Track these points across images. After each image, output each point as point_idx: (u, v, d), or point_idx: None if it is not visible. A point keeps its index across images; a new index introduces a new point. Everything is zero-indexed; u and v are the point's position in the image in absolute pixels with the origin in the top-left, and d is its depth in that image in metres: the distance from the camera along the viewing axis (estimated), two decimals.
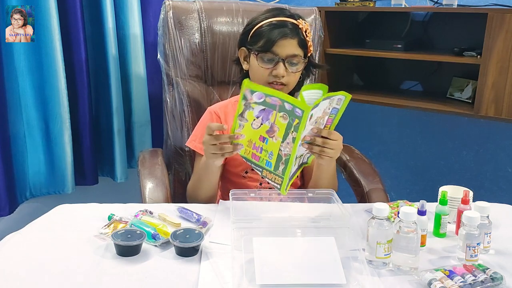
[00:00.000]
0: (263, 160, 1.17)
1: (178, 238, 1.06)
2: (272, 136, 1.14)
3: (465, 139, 2.27)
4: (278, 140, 1.13)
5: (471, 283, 0.95)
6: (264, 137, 1.15)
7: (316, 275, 0.96)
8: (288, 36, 1.36)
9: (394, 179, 2.42)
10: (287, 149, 1.12)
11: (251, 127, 1.16)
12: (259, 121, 1.14)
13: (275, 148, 1.14)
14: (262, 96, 1.11)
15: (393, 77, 2.37)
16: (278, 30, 1.36)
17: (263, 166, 1.18)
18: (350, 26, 2.30)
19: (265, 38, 1.37)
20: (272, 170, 1.17)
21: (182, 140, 1.69)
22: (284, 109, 1.10)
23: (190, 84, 1.70)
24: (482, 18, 1.77)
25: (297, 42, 1.38)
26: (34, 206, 1.96)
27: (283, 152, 1.13)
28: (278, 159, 1.14)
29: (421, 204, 1.09)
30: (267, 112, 1.13)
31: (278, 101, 1.10)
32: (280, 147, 1.13)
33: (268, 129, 1.14)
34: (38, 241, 1.11)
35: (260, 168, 1.19)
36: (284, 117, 1.10)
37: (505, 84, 1.78)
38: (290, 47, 1.37)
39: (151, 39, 2.09)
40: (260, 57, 1.37)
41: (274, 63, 1.37)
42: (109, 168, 2.12)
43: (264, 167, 1.18)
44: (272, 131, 1.13)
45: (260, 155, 1.17)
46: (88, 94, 1.97)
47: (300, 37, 1.38)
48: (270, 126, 1.13)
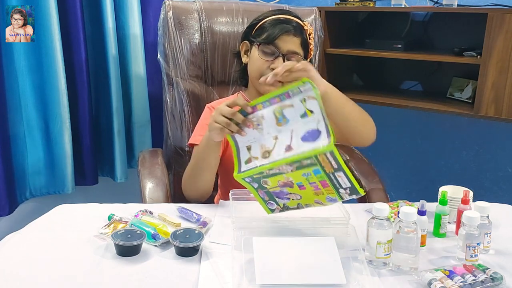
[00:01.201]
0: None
1: (178, 238, 1.06)
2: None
3: (465, 139, 2.27)
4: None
5: (471, 283, 0.95)
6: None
7: (316, 275, 0.96)
8: (291, 33, 1.38)
9: (394, 179, 2.42)
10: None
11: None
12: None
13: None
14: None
15: (393, 77, 2.37)
16: (283, 26, 1.38)
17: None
18: (350, 26, 2.30)
19: (269, 31, 1.38)
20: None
21: (182, 140, 1.69)
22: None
23: (190, 84, 1.70)
24: (482, 18, 1.77)
25: (299, 41, 1.39)
26: (34, 206, 1.96)
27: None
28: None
29: (421, 204, 1.09)
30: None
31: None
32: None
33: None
34: (38, 241, 1.11)
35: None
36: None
37: (505, 84, 1.78)
38: (292, 44, 1.38)
39: (151, 39, 2.10)
40: (261, 49, 1.38)
41: (274, 57, 1.37)
42: (109, 168, 2.12)
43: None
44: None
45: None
46: (88, 94, 1.97)
47: (303, 37, 1.40)
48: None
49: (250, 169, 1.08)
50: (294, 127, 1.06)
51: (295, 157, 1.00)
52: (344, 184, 1.01)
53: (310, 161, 0.99)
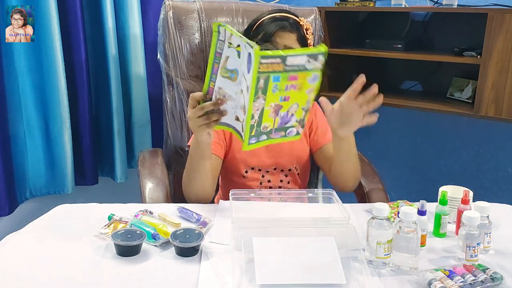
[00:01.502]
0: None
1: (178, 238, 1.06)
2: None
3: (465, 139, 2.27)
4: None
5: (471, 283, 0.95)
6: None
7: (316, 275, 0.96)
8: (287, 29, 1.38)
9: (394, 179, 2.42)
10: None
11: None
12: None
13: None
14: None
15: (393, 77, 2.37)
16: (278, 23, 1.40)
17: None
18: (350, 26, 2.30)
19: (266, 29, 1.40)
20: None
21: (182, 140, 1.70)
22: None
23: (190, 84, 1.70)
24: (482, 18, 1.77)
25: (296, 36, 1.39)
26: (34, 206, 1.96)
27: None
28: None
29: (421, 204, 1.09)
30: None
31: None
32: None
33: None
34: (38, 241, 1.11)
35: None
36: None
37: (505, 84, 1.78)
38: (288, 40, 1.38)
39: (151, 39, 2.09)
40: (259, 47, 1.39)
41: None
42: (109, 168, 2.12)
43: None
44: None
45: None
46: (88, 94, 1.97)
47: (300, 33, 1.40)
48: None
49: (245, 134, 1.08)
50: (242, 69, 1.05)
51: (252, 89, 1.00)
52: (303, 60, 1.02)
53: (262, 78, 0.99)
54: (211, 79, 1.11)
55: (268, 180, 1.48)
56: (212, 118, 1.13)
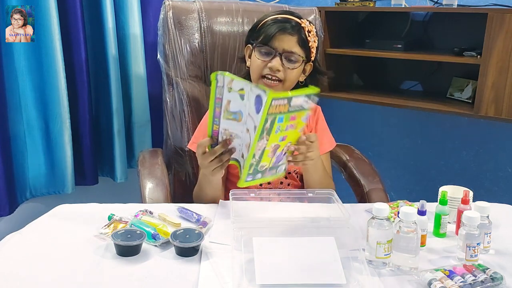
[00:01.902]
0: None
1: (178, 238, 1.06)
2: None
3: (465, 139, 2.27)
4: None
5: (471, 283, 0.95)
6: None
7: (316, 275, 0.96)
8: (287, 32, 1.38)
9: (394, 179, 2.42)
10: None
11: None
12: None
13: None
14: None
15: (393, 77, 2.37)
16: (279, 25, 1.39)
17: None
18: (350, 26, 2.30)
19: (266, 32, 1.39)
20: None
21: (182, 140, 1.70)
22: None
23: (190, 84, 1.70)
24: (482, 18, 1.77)
25: (296, 39, 1.39)
26: (34, 206, 1.96)
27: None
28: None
29: (421, 204, 1.09)
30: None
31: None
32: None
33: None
34: (38, 241, 1.11)
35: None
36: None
37: (505, 84, 1.78)
38: (288, 43, 1.38)
39: (151, 39, 2.09)
40: (258, 49, 1.40)
41: (271, 56, 1.38)
42: (109, 168, 2.12)
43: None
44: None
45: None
46: (88, 94, 1.97)
47: (301, 35, 1.39)
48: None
49: (244, 172, 1.12)
50: (248, 110, 1.08)
51: (259, 129, 1.04)
52: (303, 100, 1.08)
53: (270, 119, 1.04)
54: (214, 123, 1.15)
55: (268, 182, 1.49)
56: (224, 159, 1.18)
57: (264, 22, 1.43)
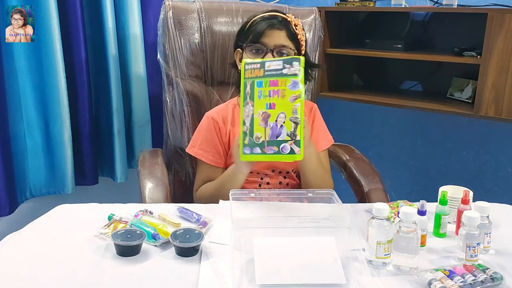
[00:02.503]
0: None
1: (178, 238, 1.06)
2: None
3: (465, 139, 2.27)
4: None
5: (471, 283, 0.95)
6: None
7: (316, 275, 0.96)
8: (275, 27, 1.39)
9: (394, 179, 2.42)
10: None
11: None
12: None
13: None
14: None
15: (393, 77, 2.37)
16: (266, 22, 1.41)
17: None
18: (350, 26, 2.30)
19: (255, 31, 1.40)
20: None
21: (182, 140, 1.70)
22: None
23: (190, 84, 1.70)
24: (482, 18, 1.77)
25: (285, 33, 1.40)
26: (34, 206, 1.96)
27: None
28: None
29: (421, 204, 1.09)
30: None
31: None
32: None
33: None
34: (38, 241, 1.11)
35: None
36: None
37: (505, 84, 1.78)
38: (278, 38, 1.39)
39: (151, 39, 2.09)
40: (250, 49, 1.41)
41: (263, 54, 1.38)
42: (109, 168, 2.12)
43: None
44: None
45: None
46: (88, 94, 1.97)
47: (290, 29, 1.41)
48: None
49: (240, 143, 1.22)
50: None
51: (241, 93, 1.17)
52: (279, 65, 1.17)
53: (248, 83, 1.15)
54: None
55: (267, 183, 1.49)
56: None
57: (251, 22, 1.44)
